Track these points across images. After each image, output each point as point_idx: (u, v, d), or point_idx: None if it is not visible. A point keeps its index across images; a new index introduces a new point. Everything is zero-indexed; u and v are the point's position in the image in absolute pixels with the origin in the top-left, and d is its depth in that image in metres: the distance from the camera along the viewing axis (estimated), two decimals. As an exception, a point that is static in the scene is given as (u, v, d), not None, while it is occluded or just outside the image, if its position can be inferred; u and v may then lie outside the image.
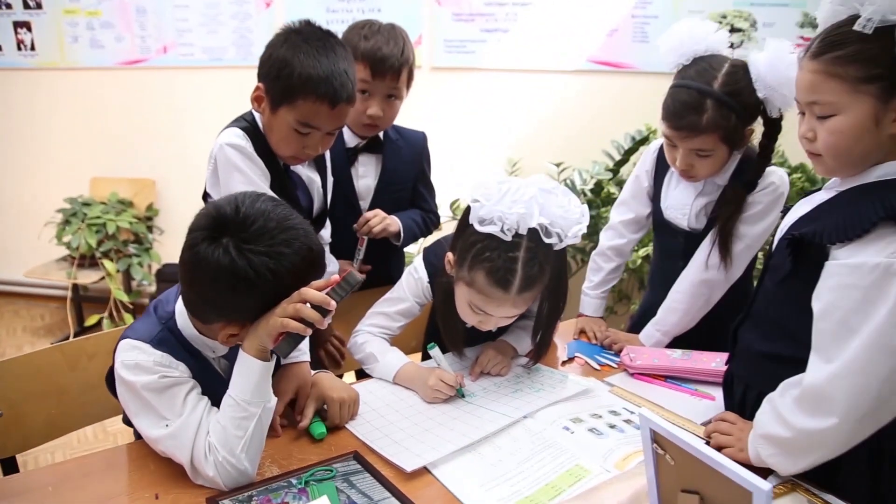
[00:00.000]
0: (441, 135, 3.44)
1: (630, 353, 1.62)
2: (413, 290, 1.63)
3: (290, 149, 1.48)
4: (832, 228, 1.06)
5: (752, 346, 1.27)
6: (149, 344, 1.15)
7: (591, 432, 1.33)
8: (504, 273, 1.36)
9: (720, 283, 1.65)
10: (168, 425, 1.12)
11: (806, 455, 1.11)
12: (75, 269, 3.69)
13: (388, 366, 1.54)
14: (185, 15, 3.67)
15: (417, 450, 1.24)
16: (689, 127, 1.50)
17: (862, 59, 1.03)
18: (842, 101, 1.06)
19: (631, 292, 3.23)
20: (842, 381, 1.04)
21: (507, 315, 1.46)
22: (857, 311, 1.02)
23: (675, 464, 0.94)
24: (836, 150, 1.09)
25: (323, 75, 1.39)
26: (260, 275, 1.04)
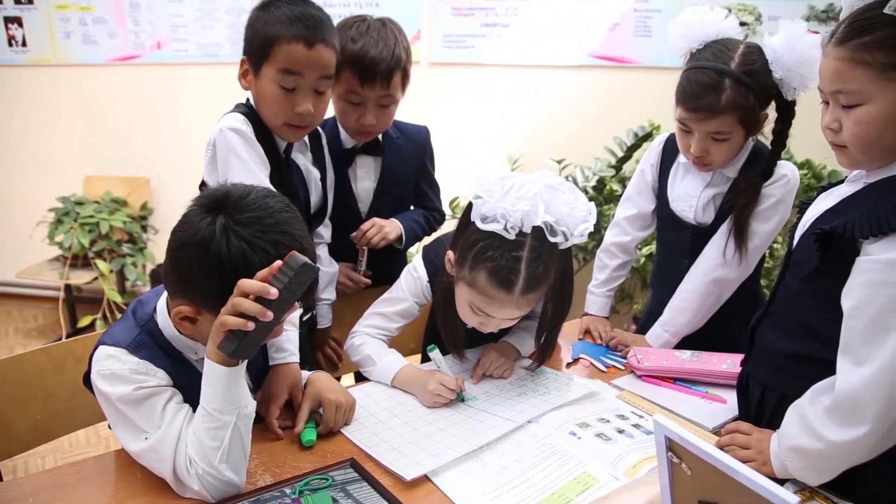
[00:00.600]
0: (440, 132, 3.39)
1: (637, 355, 1.56)
2: (412, 289, 1.57)
3: (282, 112, 1.44)
4: (863, 222, 1.00)
5: (773, 346, 1.22)
6: (125, 349, 1.10)
7: (598, 438, 1.27)
8: (507, 273, 1.30)
9: (732, 281, 1.60)
10: (147, 438, 1.07)
11: (836, 467, 1.06)
12: (68, 269, 3.64)
13: (385, 369, 1.48)
14: (179, 10, 3.62)
15: (417, 457, 1.19)
16: (707, 107, 1.45)
17: (891, 44, 0.97)
18: (869, 89, 1.00)
19: (633, 291, 3.19)
20: (876, 387, 0.98)
21: (510, 317, 1.40)
22: (891, 309, 0.97)
23: (691, 473, 0.88)
24: (863, 140, 1.03)
25: (293, 16, 1.38)
26: (231, 259, 0.99)
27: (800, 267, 1.15)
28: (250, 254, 0.99)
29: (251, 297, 0.97)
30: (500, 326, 1.45)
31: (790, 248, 1.22)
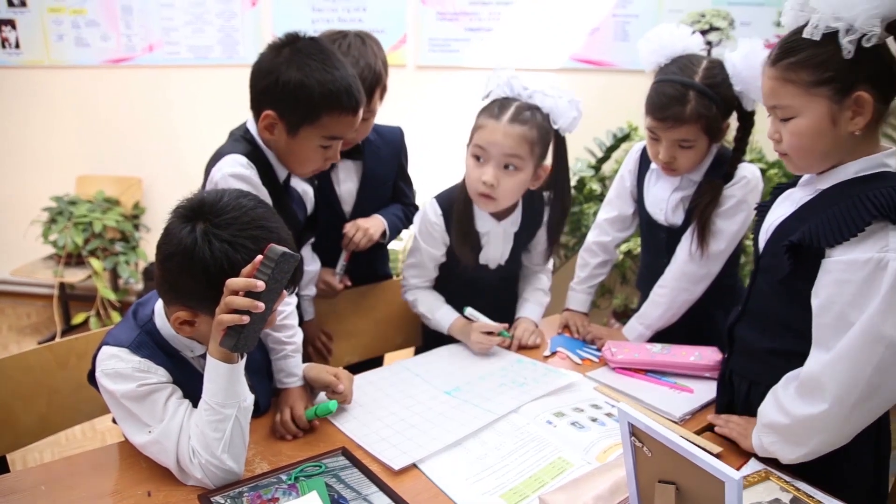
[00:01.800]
0: (426, 133, 3.49)
1: (611, 348, 1.66)
2: (425, 237, 1.77)
3: (313, 165, 1.49)
4: (826, 230, 1.10)
5: (753, 344, 1.31)
6: (127, 349, 1.16)
7: (573, 426, 1.36)
8: (498, 110, 1.59)
9: (701, 277, 1.70)
10: (151, 431, 1.14)
11: (803, 441, 1.16)
12: (62, 267, 3.68)
13: (439, 322, 1.77)
14: (170, 14, 3.66)
15: (405, 447, 1.27)
16: (673, 117, 1.55)
17: (813, 63, 1.09)
18: (798, 103, 1.12)
19: (613, 286, 3.28)
20: (834, 368, 1.10)
21: (502, 150, 1.58)
22: (852, 304, 1.08)
23: (652, 456, 0.97)
24: (800, 149, 1.15)
25: (343, 87, 1.39)
26: (216, 262, 1.04)
27: (771, 272, 1.24)
28: (233, 253, 1.05)
29: (241, 294, 1.03)
30: (499, 181, 1.60)
31: (757, 252, 1.31)
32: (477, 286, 1.79)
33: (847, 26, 1.05)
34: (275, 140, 1.44)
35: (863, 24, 1.03)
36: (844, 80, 1.08)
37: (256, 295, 1.04)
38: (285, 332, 1.42)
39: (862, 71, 1.07)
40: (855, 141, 1.13)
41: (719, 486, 0.85)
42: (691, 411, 1.44)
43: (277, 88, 1.38)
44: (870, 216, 1.06)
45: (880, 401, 1.09)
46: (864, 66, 1.07)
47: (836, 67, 1.08)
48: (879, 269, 1.05)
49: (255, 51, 3.52)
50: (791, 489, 1.18)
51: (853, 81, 1.08)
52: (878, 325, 1.05)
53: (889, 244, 1.05)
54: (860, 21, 1.03)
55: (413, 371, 1.61)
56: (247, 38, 3.61)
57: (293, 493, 1.13)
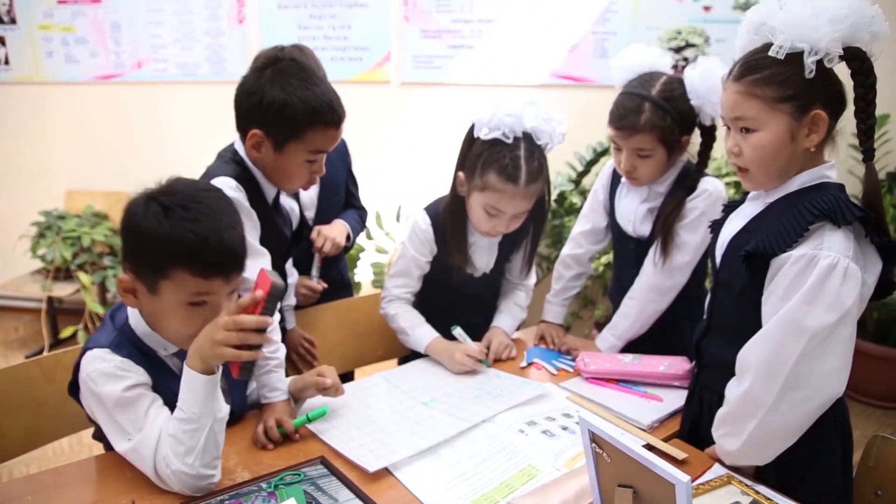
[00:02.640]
0: (410, 148, 3.55)
1: (585, 359, 1.71)
2: (415, 244, 1.81)
3: (300, 180, 1.53)
4: (776, 237, 1.17)
5: (721, 357, 1.35)
6: (108, 349, 1.20)
7: (543, 434, 1.41)
8: (512, 169, 1.61)
9: (669, 288, 1.75)
10: (130, 439, 1.17)
11: (741, 428, 1.22)
12: (50, 281, 3.71)
13: (419, 340, 1.79)
14: (158, 31, 3.72)
15: (380, 452, 1.32)
16: (629, 126, 1.65)
17: (776, 81, 1.17)
18: (762, 118, 1.19)
19: (595, 298, 3.34)
20: (756, 348, 1.19)
21: (518, 210, 1.67)
22: (783, 296, 1.16)
23: (611, 461, 1.03)
24: (760, 162, 1.22)
25: (326, 103, 1.45)
26: (147, 227, 1.11)
27: (730, 285, 1.30)
28: (161, 222, 1.11)
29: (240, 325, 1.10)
30: (508, 227, 1.71)
31: (715, 268, 1.37)
32: (460, 295, 1.85)
33: (811, 48, 1.12)
34: (262, 158, 1.49)
35: (826, 47, 1.11)
36: (804, 98, 1.16)
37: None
38: (269, 348, 1.45)
39: (819, 91, 1.15)
40: (807, 157, 1.20)
41: (671, 489, 0.91)
42: (660, 419, 1.50)
43: (262, 108, 1.43)
44: (812, 217, 1.13)
45: (810, 391, 1.15)
46: (821, 87, 1.15)
47: (797, 86, 1.15)
48: (811, 265, 1.12)
49: (242, 67, 3.58)
50: (751, 492, 1.22)
51: (812, 100, 1.16)
52: (800, 317, 1.12)
53: (824, 242, 1.13)
54: (824, 43, 1.11)
55: (392, 383, 1.65)
56: (234, 55, 3.66)
57: (272, 501, 1.17)
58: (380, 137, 1.97)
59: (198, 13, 3.65)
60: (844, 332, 1.14)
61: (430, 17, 3.43)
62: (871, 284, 1.19)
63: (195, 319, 1.16)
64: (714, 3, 3.18)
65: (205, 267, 1.13)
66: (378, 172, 3.37)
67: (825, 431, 1.24)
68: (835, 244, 1.12)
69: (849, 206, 1.14)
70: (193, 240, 1.11)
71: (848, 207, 1.13)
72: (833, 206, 1.13)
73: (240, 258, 1.18)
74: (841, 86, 1.17)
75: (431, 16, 3.43)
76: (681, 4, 3.21)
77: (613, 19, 3.28)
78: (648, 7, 3.24)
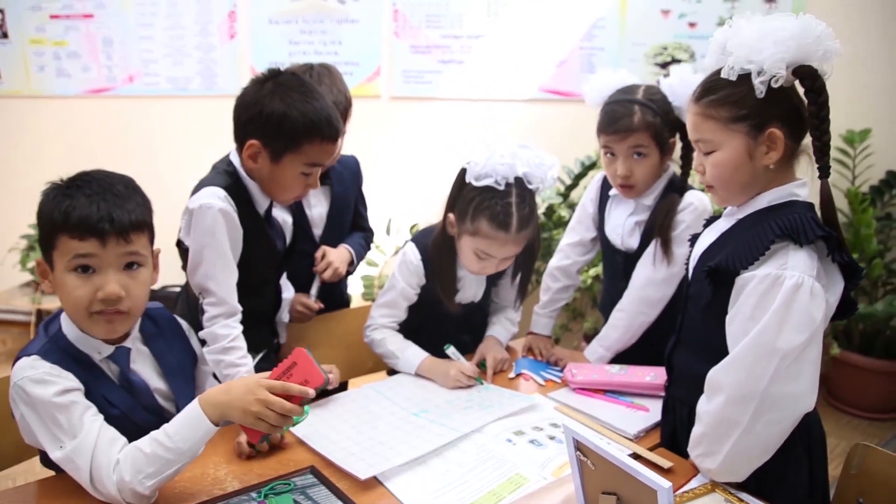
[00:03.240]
0: (400, 162, 3.58)
1: (572, 370, 1.73)
2: (405, 275, 1.81)
3: (294, 192, 1.55)
4: (739, 254, 1.20)
5: (690, 370, 1.37)
6: (37, 356, 1.18)
7: (531, 444, 1.43)
8: (504, 217, 1.62)
9: (657, 300, 1.78)
10: (62, 447, 1.14)
11: (718, 442, 1.22)
12: (39, 294, 3.70)
13: (409, 361, 1.78)
14: (150, 46, 3.74)
15: (371, 460, 1.33)
16: (624, 127, 1.69)
17: (730, 101, 1.21)
18: (718, 138, 1.23)
19: (584, 310, 3.36)
20: (727, 371, 1.20)
21: (508, 255, 1.70)
22: (751, 316, 1.17)
23: (595, 469, 1.05)
24: (721, 181, 1.26)
25: (324, 117, 1.47)
26: (43, 207, 1.20)
27: (697, 298, 1.32)
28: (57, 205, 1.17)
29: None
30: (498, 268, 1.73)
31: (688, 281, 1.40)
32: (447, 317, 1.85)
33: (758, 69, 1.15)
34: (258, 169, 1.51)
35: (770, 67, 1.14)
36: (758, 117, 1.19)
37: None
38: (236, 354, 1.47)
39: (773, 110, 1.18)
40: (771, 174, 1.23)
41: (653, 495, 0.93)
42: (645, 428, 1.51)
43: (262, 119, 1.45)
44: (774, 236, 1.15)
45: (785, 412, 1.17)
46: (776, 105, 1.18)
47: (750, 106, 1.19)
48: (776, 285, 1.14)
49: (234, 82, 3.64)
50: (735, 500, 1.24)
51: (766, 119, 1.19)
52: (771, 339, 1.14)
53: (788, 262, 1.15)
54: (768, 64, 1.14)
55: (383, 394, 1.67)
56: (226, 70, 3.69)
57: (263, 510, 1.18)
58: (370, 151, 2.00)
59: (189, 28, 3.68)
60: (813, 351, 1.16)
61: (419, 33, 3.48)
62: (833, 304, 1.21)
63: (84, 286, 1.18)
64: (699, 20, 3.24)
65: (79, 230, 1.16)
66: (368, 186, 3.38)
67: (791, 443, 1.24)
68: (799, 264, 1.14)
69: (812, 226, 1.15)
70: (68, 207, 1.17)
71: (811, 226, 1.15)
72: (796, 226, 1.15)
73: (120, 226, 1.19)
74: (801, 103, 1.20)
75: (421, 31, 3.47)
76: (666, 21, 3.27)
77: (601, 35, 3.33)
78: (635, 23, 3.30)
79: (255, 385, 1.17)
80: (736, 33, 1.19)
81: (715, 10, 3.23)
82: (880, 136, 3.17)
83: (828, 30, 1.16)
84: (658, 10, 3.27)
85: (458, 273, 1.80)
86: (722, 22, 3.12)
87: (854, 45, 3.06)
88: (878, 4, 3.11)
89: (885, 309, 2.99)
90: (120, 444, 1.16)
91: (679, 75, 1.71)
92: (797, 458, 1.28)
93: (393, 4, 3.47)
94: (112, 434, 1.17)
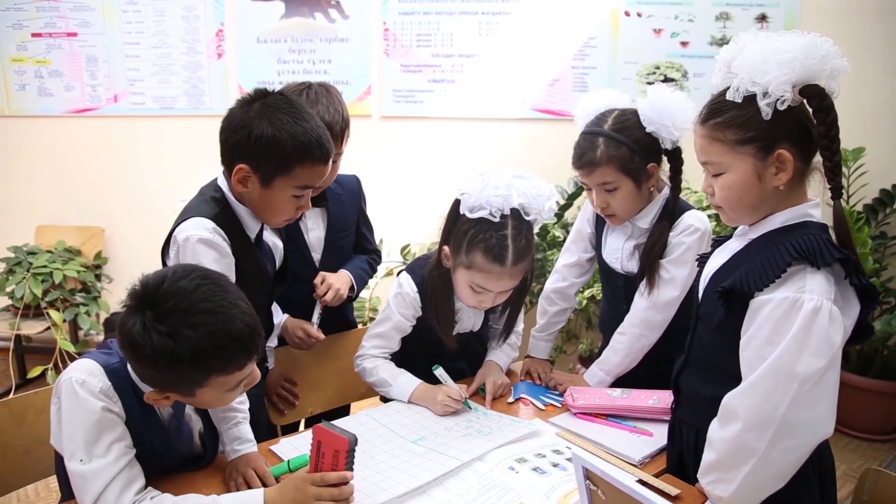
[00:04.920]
0: (391, 181, 3.54)
1: (573, 394, 1.68)
2: (401, 307, 1.75)
3: (285, 215, 1.50)
4: (754, 275, 1.16)
5: (698, 392, 1.34)
6: (102, 369, 1.17)
7: (534, 471, 1.38)
8: (499, 250, 1.56)
9: (658, 323, 1.74)
10: (83, 461, 1.13)
11: (733, 474, 1.17)
12: (19, 319, 3.61)
13: (402, 388, 1.71)
14: (136, 65, 3.70)
15: (369, 491, 1.28)
16: (588, 163, 1.67)
17: (736, 124, 1.18)
18: (726, 160, 1.20)
19: (579, 332, 3.32)
20: (744, 397, 1.15)
21: (505, 289, 1.64)
22: (768, 341, 1.13)
23: (606, 498, 1.00)
24: (729, 202, 1.23)
25: (314, 139, 1.42)
26: (157, 354, 1.07)
27: (708, 319, 1.28)
28: (173, 345, 1.07)
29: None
30: (495, 301, 1.67)
31: (698, 302, 1.36)
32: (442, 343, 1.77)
33: (763, 90, 1.12)
34: (248, 192, 1.45)
35: (775, 90, 1.11)
36: (766, 139, 1.16)
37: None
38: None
39: (781, 131, 1.15)
40: (782, 194, 1.20)
41: (671, 528, 0.88)
42: (650, 454, 1.47)
43: (250, 142, 1.40)
44: (790, 258, 1.12)
45: (803, 439, 1.13)
46: (783, 126, 1.15)
47: (757, 127, 1.16)
48: (795, 309, 1.11)
49: (221, 101, 3.60)
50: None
51: (774, 140, 1.16)
52: (790, 363, 1.10)
53: (806, 285, 1.11)
54: (773, 87, 1.11)
55: (380, 421, 1.61)
56: (213, 89, 3.65)
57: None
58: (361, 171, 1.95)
59: (176, 47, 3.64)
60: (832, 377, 1.12)
61: (410, 52, 3.46)
62: (849, 328, 1.17)
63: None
64: (691, 39, 3.25)
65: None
66: (358, 206, 3.35)
67: (804, 471, 1.20)
68: (816, 287, 1.11)
69: (829, 248, 1.12)
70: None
71: (828, 249, 1.12)
72: (812, 248, 1.12)
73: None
74: (810, 122, 1.17)
75: (412, 50, 3.46)
76: (658, 40, 3.27)
77: (593, 54, 3.33)
78: (627, 43, 3.31)
79: (302, 482, 1.18)
80: (740, 53, 1.17)
81: (707, 30, 3.25)
82: (874, 155, 3.17)
83: (833, 48, 1.14)
84: (650, 29, 3.28)
85: (455, 304, 1.74)
86: (714, 41, 3.18)
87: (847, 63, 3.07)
88: (869, 24, 3.14)
89: (883, 328, 2.97)
90: (136, 487, 1.16)
91: (653, 93, 1.66)
92: (809, 482, 1.24)
93: (383, 23, 3.45)
94: (133, 474, 1.17)
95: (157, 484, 1.22)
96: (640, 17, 3.28)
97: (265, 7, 3.53)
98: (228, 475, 1.34)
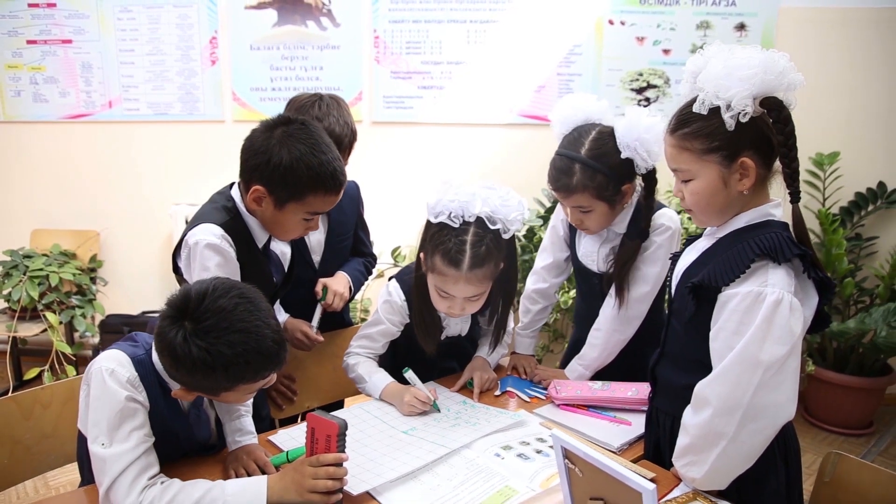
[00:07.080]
0: (381, 186, 3.62)
1: (556, 387, 1.77)
2: (389, 313, 1.82)
3: (294, 234, 1.60)
4: (721, 271, 1.25)
5: (673, 382, 1.43)
6: (130, 360, 1.26)
7: (519, 457, 1.46)
8: (455, 253, 1.60)
9: (632, 318, 1.82)
10: (104, 445, 1.21)
11: (704, 456, 1.27)
12: (15, 321, 3.65)
13: (375, 385, 1.77)
14: (130, 71, 3.75)
15: (363, 476, 1.35)
16: (563, 188, 1.71)
17: (703, 134, 1.27)
18: (694, 168, 1.30)
19: (565, 331, 3.40)
20: (714, 385, 1.25)
21: (467, 294, 1.65)
22: (735, 332, 1.23)
23: (583, 475, 1.08)
24: (698, 206, 1.32)
25: (329, 172, 1.49)
26: (196, 364, 1.16)
27: (680, 314, 1.38)
28: (210, 359, 1.16)
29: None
30: (464, 309, 1.69)
31: (671, 297, 1.45)
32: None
33: (727, 104, 1.21)
34: (261, 211, 1.53)
35: (737, 104, 1.21)
36: (730, 148, 1.25)
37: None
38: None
39: (744, 140, 1.24)
40: (746, 197, 1.29)
41: (638, 498, 0.96)
42: (628, 441, 1.56)
43: (269, 168, 1.47)
44: (754, 255, 1.21)
45: (768, 420, 1.22)
46: (746, 136, 1.24)
47: (721, 137, 1.25)
48: (758, 302, 1.20)
49: (214, 107, 3.67)
50: (717, 508, 1.29)
51: (738, 149, 1.25)
52: (755, 352, 1.19)
53: (768, 279, 1.21)
54: (735, 101, 1.20)
55: (372, 413, 1.69)
56: (206, 96, 3.71)
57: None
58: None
59: (170, 54, 3.70)
60: (793, 363, 1.22)
61: (400, 59, 3.54)
62: (809, 318, 1.27)
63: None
64: (672, 47, 3.35)
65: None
66: (350, 209, 3.42)
67: (770, 452, 1.29)
68: (778, 281, 1.20)
69: (789, 245, 1.22)
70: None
71: (788, 246, 1.21)
72: (774, 245, 1.21)
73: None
74: (771, 131, 1.25)
75: (402, 58, 3.53)
76: (642, 47, 3.37)
77: (578, 61, 3.42)
78: (611, 50, 3.40)
79: (300, 464, 1.27)
80: (705, 66, 1.26)
81: (688, 38, 3.35)
82: (848, 159, 3.28)
83: (790, 63, 1.23)
84: (633, 37, 3.38)
85: (441, 313, 1.79)
86: (694, 49, 3.28)
87: (822, 72, 3.18)
88: (844, 35, 3.24)
89: (857, 326, 3.06)
90: (150, 473, 1.23)
91: (630, 118, 1.66)
92: (775, 465, 1.33)
93: (374, 31, 3.53)
94: (150, 461, 1.24)
95: (166, 471, 1.28)
96: (624, 26, 3.38)
97: (258, 15, 3.60)
98: (230, 464, 1.41)
